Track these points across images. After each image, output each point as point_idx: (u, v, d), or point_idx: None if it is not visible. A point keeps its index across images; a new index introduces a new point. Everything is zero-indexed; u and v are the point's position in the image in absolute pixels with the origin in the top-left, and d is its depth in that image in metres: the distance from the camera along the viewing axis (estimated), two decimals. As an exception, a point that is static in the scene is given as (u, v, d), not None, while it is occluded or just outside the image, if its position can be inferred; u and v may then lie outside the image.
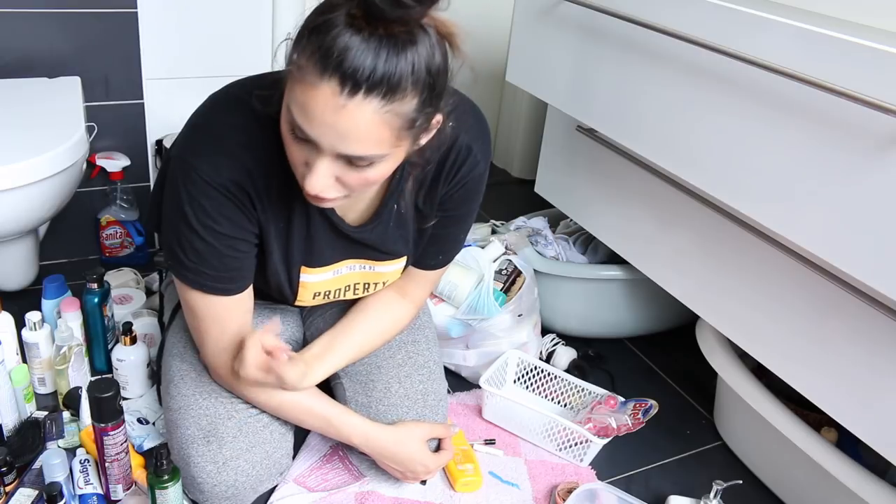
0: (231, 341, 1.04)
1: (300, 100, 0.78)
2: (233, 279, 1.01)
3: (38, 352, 1.32)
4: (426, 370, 1.22)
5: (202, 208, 0.93)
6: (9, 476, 1.10)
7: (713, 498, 1.19)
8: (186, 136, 0.96)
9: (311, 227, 1.03)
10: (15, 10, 1.55)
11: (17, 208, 1.30)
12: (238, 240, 0.98)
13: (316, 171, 0.82)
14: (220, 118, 0.94)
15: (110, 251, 1.78)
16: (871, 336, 1.02)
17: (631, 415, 1.33)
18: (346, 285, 1.14)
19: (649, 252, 1.44)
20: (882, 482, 1.08)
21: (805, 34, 0.98)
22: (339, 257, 1.09)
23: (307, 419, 1.11)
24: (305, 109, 0.78)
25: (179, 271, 1.00)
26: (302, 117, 0.79)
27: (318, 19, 0.77)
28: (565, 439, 1.34)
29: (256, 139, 0.93)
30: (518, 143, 2.55)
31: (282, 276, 1.07)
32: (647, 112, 1.27)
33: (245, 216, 0.96)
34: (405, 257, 1.15)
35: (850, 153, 0.94)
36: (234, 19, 1.79)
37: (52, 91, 1.55)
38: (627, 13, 1.25)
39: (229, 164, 0.92)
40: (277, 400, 1.08)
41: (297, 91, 0.78)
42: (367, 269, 1.13)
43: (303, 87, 0.77)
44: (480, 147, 1.06)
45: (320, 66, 0.75)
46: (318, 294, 1.12)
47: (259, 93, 0.90)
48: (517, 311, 1.51)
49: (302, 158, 0.85)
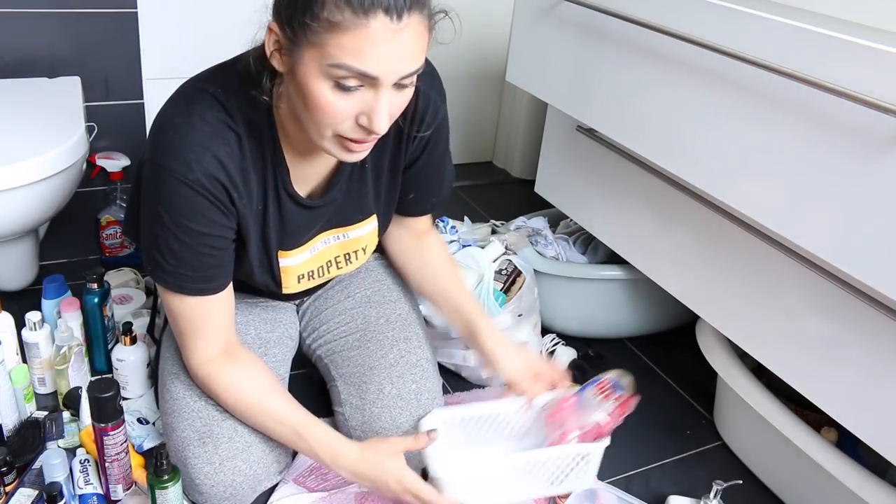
0: (211, 341, 1.05)
1: (351, 46, 0.80)
2: (212, 278, 1.01)
3: (38, 352, 1.32)
4: (419, 368, 1.21)
5: (176, 209, 0.93)
6: (9, 476, 1.10)
7: (713, 498, 1.19)
8: (153, 138, 0.96)
9: (283, 208, 1.04)
10: (15, 10, 1.55)
11: (17, 208, 1.30)
12: (215, 237, 0.97)
13: (382, 108, 0.86)
14: (183, 113, 0.94)
15: (110, 251, 1.78)
16: (871, 336, 1.01)
17: (601, 399, 1.12)
18: (327, 261, 1.15)
19: (649, 252, 1.44)
20: (882, 482, 1.08)
21: (805, 34, 0.98)
22: (313, 233, 1.10)
23: (275, 427, 1.05)
24: (360, 52, 0.81)
25: (159, 275, 1.00)
26: (360, 61, 0.81)
27: None
28: (555, 471, 1.10)
29: (223, 127, 0.94)
30: (518, 143, 2.55)
31: (262, 265, 1.07)
32: (647, 112, 1.27)
33: (220, 212, 0.96)
34: (374, 215, 1.16)
35: (850, 153, 0.94)
36: (234, 19, 1.79)
37: (52, 91, 1.55)
38: (627, 13, 1.25)
39: (198, 158, 0.92)
40: (244, 404, 1.05)
41: (344, 41, 0.80)
42: (342, 238, 1.14)
43: (348, 34, 0.80)
44: (437, 91, 1.10)
45: (361, 10, 0.79)
46: (301, 276, 1.13)
47: (248, 77, 0.93)
48: (517, 311, 1.51)
49: (352, 110, 0.87)
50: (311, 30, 0.81)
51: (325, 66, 0.83)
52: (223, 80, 0.96)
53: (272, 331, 1.23)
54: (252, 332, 1.19)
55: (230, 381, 1.05)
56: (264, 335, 1.21)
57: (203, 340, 1.05)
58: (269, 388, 1.07)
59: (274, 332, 1.23)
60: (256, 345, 1.18)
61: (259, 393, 1.05)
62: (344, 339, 1.26)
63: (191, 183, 0.92)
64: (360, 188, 1.11)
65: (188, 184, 0.92)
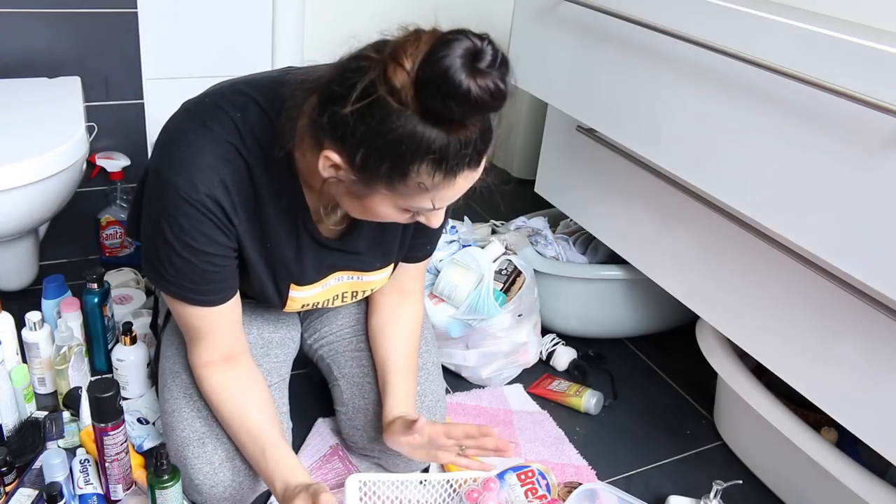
0: (213, 347, 1.04)
1: (436, 198, 0.84)
2: (214, 291, 1.00)
3: (38, 352, 1.32)
4: (423, 371, 1.21)
5: (178, 225, 0.92)
6: (9, 476, 1.10)
7: (713, 498, 1.19)
8: (163, 148, 0.94)
9: (300, 244, 1.03)
10: (15, 10, 1.55)
11: (17, 208, 1.30)
12: (216, 255, 0.96)
13: (440, 216, 0.92)
14: (197, 130, 0.92)
15: (110, 251, 1.78)
16: (871, 336, 1.01)
17: (526, 492, 1.09)
18: (335, 295, 1.15)
19: (649, 252, 1.44)
20: (882, 482, 1.08)
21: (805, 34, 0.98)
22: (327, 272, 1.09)
23: (246, 440, 1.02)
24: (443, 200, 0.85)
25: (160, 283, 0.99)
26: (438, 204, 0.85)
27: (404, 143, 0.77)
28: None
29: (234, 154, 0.92)
30: (518, 143, 2.55)
31: (269, 289, 1.07)
32: (647, 112, 1.27)
33: (222, 232, 0.95)
34: (391, 265, 1.15)
35: (850, 153, 0.94)
36: (234, 19, 1.79)
37: (52, 91, 1.55)
38: (627, 13, 1.25)
39: (205, 180, 0.90)
40: (227, 410, 1.03)
41: (433, 197, 0.83)
42: (356, 279, 1.13)
43: (437, 194, 0.83)
44: None
45: (451, 175, 0.81)
46: (306, 305, 1.13)
47: (277, 149, 0.91)
48: (517, 311, 1.51)
49: (408, 217, 0.90)
50: (394, 186, 0.82)
51: (400, 204, 0.86)
52: (245, 105, 0.93)
53: (275, 331, 1.23)
54: (254, 332, 1.19)
55: (219, 383, 1.04)
56: (266, 335, 1.21)
57: (204, 345, 1.04)
58: (255, 403, 1.04)
59: (276, 332, 1.23)
60: (258, 345, 1.18)
61: (243, 403, 1.03)
62: (348, 340, 1.26)
63: (195, 203, 0.91)
64: (382, 235, 1.09)
65: (192, 203, 0.91)
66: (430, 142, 0.77)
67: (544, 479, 1.15)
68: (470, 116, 0.76)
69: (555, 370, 1.61)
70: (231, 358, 1.06)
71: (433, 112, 0.75)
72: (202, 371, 1.05)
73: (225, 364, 1.05)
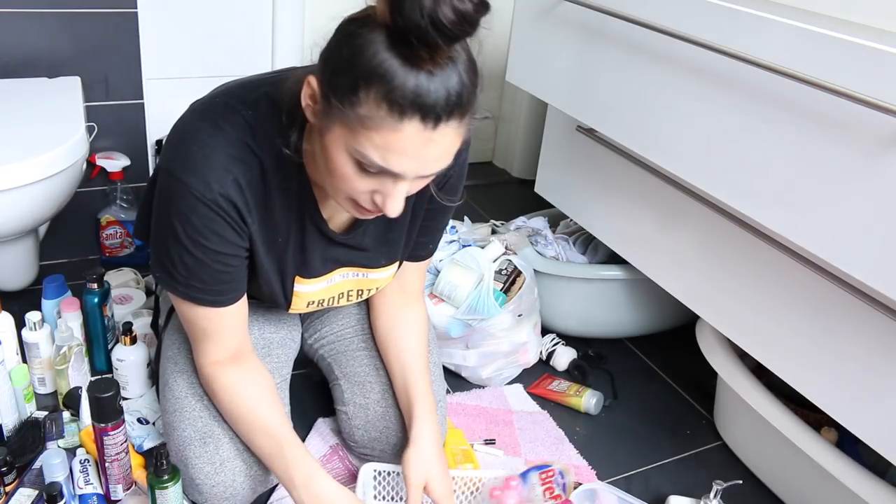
0: (221, 346, 1.04)
1: (380, 143, 0.79)
2: (223, 292, 1.00)
3: (38, 352, 1.32)
4: None
5: (191, 224, 0.92)
6: (9, 476, 1.10)
7: (713, 498, 1.19)
8: (175, 148, 0.94)
9: (306, 238, 1.03)
10: (15, 10, 1.55)
11: (17, 208, 1.30)
12: (228, 255, 0.96)
13: (396, 198, 0.85)
14: (209, 129, 0.92)
15: (110, 251, 1.78)
16: (871, 336, 1.02)
17: (544, 491, 1.12)
18: (340, 293, 1.14)
19: (649, 252, 1.44)
20: (882, 482, 1.08)
21: (805, 34, 0.98)
22: (333, 266, 1.09)
23: (260, 438, 1.03)
24: (388, 151, 0.79)
25: (169, 283, 0.99)
26: (384, 158, 0.80)
27: (362, 61, 0.76)
28: None
29: (247, 152, 0.92)
30: (518, 143, 2.55)
31: (276, 286, 1.06)
32: (647, 112, 1.27)
33: (235, 232, 0.95)
34: (397, 262, 1.15)
35: (850, 153, 0.94)
36: (234, 19, 1.79)
37: (52, 91, 1.55)
38: (627, 13, 1.25)
39: (219, 179, 0.90)
40: (237, 408, 1.04)
41: (374, 137, 0.79)
42: (361, 276, 1.13)
43: (380, 133, 0.78)
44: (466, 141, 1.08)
45: (396, 112, 0.76)
46: (311, 302, 1.13)
47: (280, 141, 0.91)
48: (517, 311, 1.51)
49: (370, 187, 0.86)
50: (345, 114, 0.79)
51: (351, 147, 0.81)
52: (256, 102, 0.94)
53: (276, 332, 1.23)
54: (256, 332, 1.19)
55: (230, 382, 1.05)
56: (268, 335, 1.21)
57: (212, 345, 1.04)
58: (267, 399, 1.05)
59: (278, 332, 1.23)
60: (260, 345, 1.18)
61: (256, 401, 1.04)
62: (349, 339, 1.26)
63: (208, 202, 0.91)
64: (387, 233, 1.09)
65: (206, 202, 0.91)
66: (385, 63, 0.75)
67: (562, 479, 1.15)
68: (435, 37, 0.73)
69: (555, 370, 1.61)
70: (239, 356, 1.06)
71: (400, 35, 0.74)
72: (211, 370, 1.05)
73: (234, 362, 1.05)
